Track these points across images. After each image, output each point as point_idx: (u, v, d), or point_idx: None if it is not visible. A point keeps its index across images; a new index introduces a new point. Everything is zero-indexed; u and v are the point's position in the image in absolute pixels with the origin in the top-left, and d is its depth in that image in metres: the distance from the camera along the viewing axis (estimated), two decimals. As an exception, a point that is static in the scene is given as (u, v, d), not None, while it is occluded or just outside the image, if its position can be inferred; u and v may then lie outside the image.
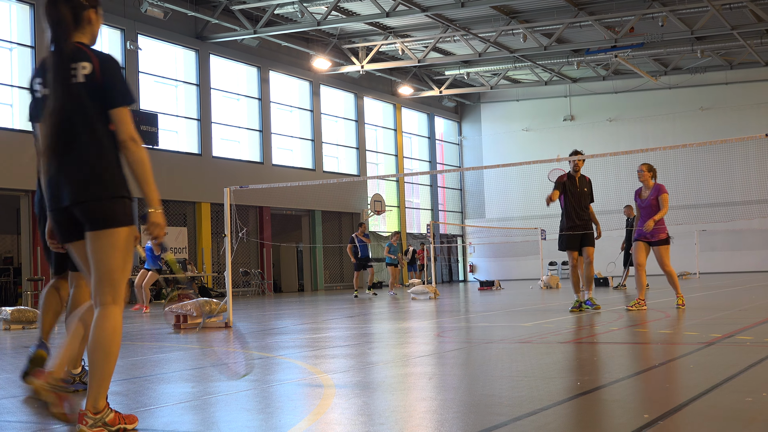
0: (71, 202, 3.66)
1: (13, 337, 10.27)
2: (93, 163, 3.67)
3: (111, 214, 3.67)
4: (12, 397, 5.12)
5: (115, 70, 3.73)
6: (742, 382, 4.69)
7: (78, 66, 3.67)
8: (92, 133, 3.69)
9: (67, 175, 3.66)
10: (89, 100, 3.68)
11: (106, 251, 3.67)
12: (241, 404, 4.64)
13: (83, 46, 3.75)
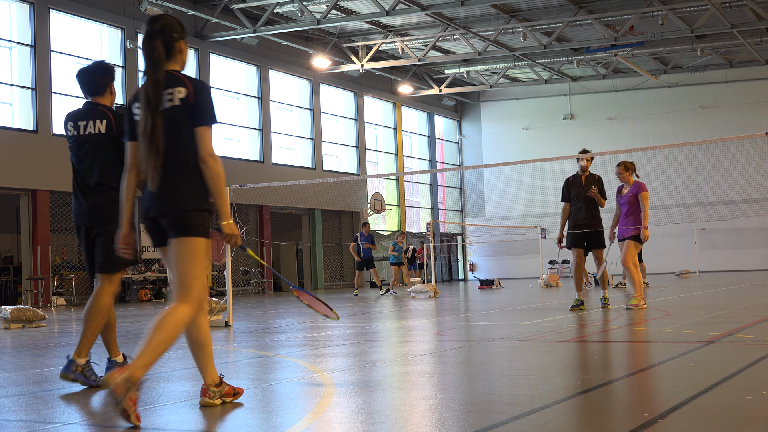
0: (158, 214, 4.17)
1: (13, 336, 10.27)
2: (181, 179, 4.16)
3: (191, 225, 4.15)
4: (12, 396, 5.12)
5: (206, 93, 4.24)
6: (742, 381, 4.69)
7: (174, 91, 4.18)
8: (183, 151, 4.17)
9: (158, 189, 4.15)
10: (183, 121, 4.17)
11: (183, 258, 4.14)
12: (241, 403, 4.64)
13: (177, 73, 4.27)
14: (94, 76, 5.57)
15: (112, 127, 5.41)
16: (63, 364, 5.58)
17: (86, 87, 5.57)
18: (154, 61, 4.19)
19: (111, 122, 5.42)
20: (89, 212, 5.43)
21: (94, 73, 5.58)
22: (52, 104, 21.51)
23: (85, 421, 4.22)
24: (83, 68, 5.62)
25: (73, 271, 21.92)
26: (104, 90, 5.58)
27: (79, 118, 5.50)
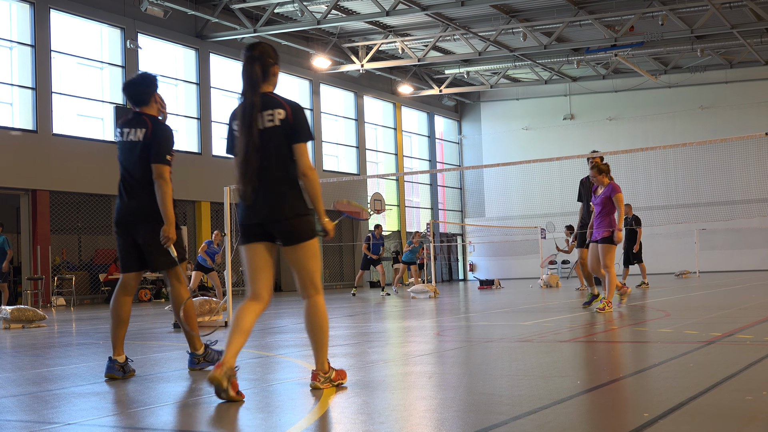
0: (264, 221, 4.66)
1: (13, 336, 10.27)
2: (285, 191, 4.67)
3: (304, 230, 4.68)
4: (12, 396, 5.12)
5: (302, 114, 4.79)
6: (742, 381, 4.69)
7: (275, 112, 4.69)
8: (283, 164, 4.70)
9: (263, 198, 4.64)
10: (282, 139, 4.69)
11: (304, 259, 4.71)
12: (241, 403, 4.64)
13: (274, 95, 4.78)
14: (137, 88, 5.92)
15: (147, 135, 5.75)
16: (98, 363, 5.56)
17: (131, 99, 5.95)
18: (253, 83, 4.70)
19: (148, 129, 5.76)
20: (135, 213, 5.77)
21: (137, 85, 5.93)
22: (53, 104, 21.51)
23: (86, 421, 4.22)
24: (127, 81, 5.99)
25: (73, 271, 21.92)
26: (148, 100, 5.93)
27: (125, 125, 5.88)
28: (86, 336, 10.10)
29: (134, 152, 5.77)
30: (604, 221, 10.51)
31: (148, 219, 5.74)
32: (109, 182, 22.46)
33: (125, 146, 5.83)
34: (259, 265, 4.78)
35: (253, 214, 4.68)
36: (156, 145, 5.73)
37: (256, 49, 4.78)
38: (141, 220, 5.76)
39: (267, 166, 4.66)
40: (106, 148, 22.79)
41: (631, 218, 19.28)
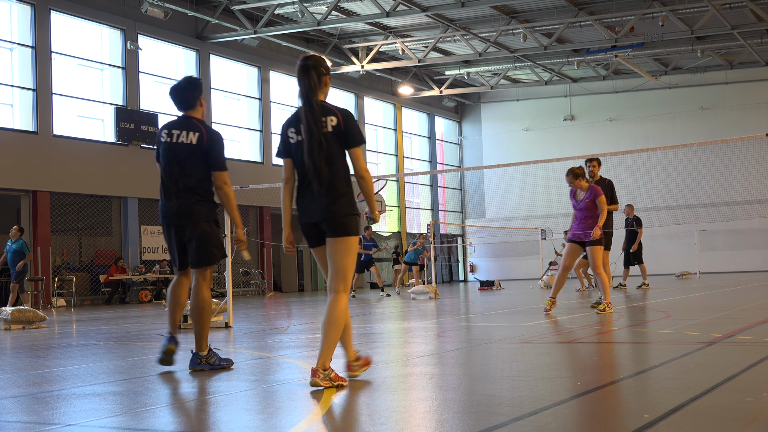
0: (320, 219, 4.96)
1: (13, 337, 10.27)
2: (337, 190, 4.96)
3: (347, 227, 4.98)
4: (12, 397, 5.12)
5: (353, 121, 5.05)
6: (743, 382, 4.69)
7: (327, 119, 4.97)
8: (337, 168, 4.99)
9: (319, 199, 4.95)
10: (335, 143, 4.97)
11: (341, 254, 4.98)
12: (242, 404, 4.64)
13: (326, 103, 5.07)
14: (184, 93, 6.15)
15: (203, 139, 6.01)
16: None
17: (178, 103, 6.18)
18: (311, 88, 5.02)
19: (203, 135, 6.02)
20: (178, 213, 6.01)
21: (184, 90, 6.16)
22: (53, 105, 21.52)
23: (86, 422, 4.22)
24: (174, 86, 6.20)
25: (74, 272, 21.92)
26: (194, 104, 6.16)
27: (174, 127, 6.10)
28: (86, 337, 10.10)
29: (183, 154, 6.00)
30: (590, 224, 10.58)
31: (191, 218, 5.99)
32: (110, 183, 22.62)
33: (173, 147, 6.03)
34: (325, 264, 5.16)
35: (310, 214, 5.02)
36: (215, 153, 6.02)
37: (311, 59, 5.13)
38: (185, 220, 6.00)
39: (324, 168, 4.97)
40: (107, 150, 22.82)
41: (632, 219, 19.30)
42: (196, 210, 5.98)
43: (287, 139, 5.11)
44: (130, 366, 6.70)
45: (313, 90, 5.02)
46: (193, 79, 6.26)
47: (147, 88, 24.47)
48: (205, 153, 5.99)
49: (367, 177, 5.05)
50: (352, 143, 5.00)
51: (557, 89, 37.57)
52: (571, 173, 10.64)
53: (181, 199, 5.99)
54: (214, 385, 5.46)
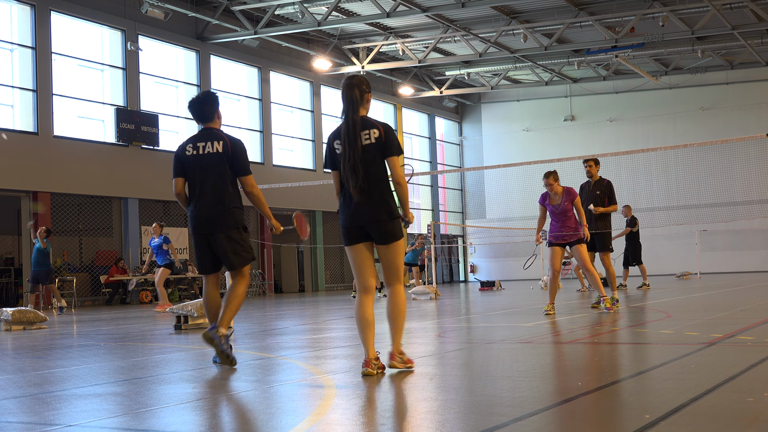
0: (367, 223, 5.48)
1: (14, 338, 10.27)
2: (381, 196, 5.47)
3: (395, 232, 5.53)
4: (13, 398, 5.12)
5: (393, 133, 5.53)
6: (744, 383, 4.69)
7: (370, 132, 5.47)
8: (380, 175, 5.48)
9: (365, 204, 5.45)
10: (377, 154, 5.47)
11: (393, 256, 5.58)
12: (242, 405, 4.64)
13: (368, 118, 5.56)
14: (203, 106, 6.50)
15: (227, 147, 6.35)
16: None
17: (197, 115, 6.51)
18: (354, 104, 5.51)
19: (226, 143, 6.35)
20: (210, 221, 6.35)
21: (202, 103, 6.52)
22: (53, 106, 21.52)
23: (87, 423, 4.22)
24: (192, 99, 6.55)
25: (74, 272, 21.93)
26: (213, 117, 6.51)
27: (198, 140, 6.41)
28: (87, 338, 10.10)
29: (211, 163, 6.33)
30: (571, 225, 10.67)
31: (222, 226, 6.34)
32: (110, 184, 22.62)
33: (200, 158, 6.35)
34: (363, 262, 5.61)
35: (356, 218, 5.50)
36: (239, 159, 6.36)
37: (354, 78, 5.60)
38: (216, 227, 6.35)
39: (368, 176, 5.45)
40: (107, 150, 22.82)
41: (630, 219, 19.37)
42: (227, 218, 6.33)
43: (334, 150, 5.58)
44: (130, 367, 6.70)
45: (356, 106, 5.51)
46: (210, 93, 6.63)
47: (147, 88, 24.47)
48: (231, 159, 6.33)
49: (404, 183, 5.55)
50: (390, 153, 5.48)
51: (558, 89, 37.56)
52: (551, 176, 10.71)
53: (213, 208, 6.33)
54: (215, 385, 5.46)
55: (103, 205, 23.22)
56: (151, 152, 23.81)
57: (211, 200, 6.31)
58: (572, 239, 10.65)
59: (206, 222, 6.35)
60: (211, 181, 6.31)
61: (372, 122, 5.52)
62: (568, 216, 10.69)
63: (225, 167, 6.31)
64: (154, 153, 23.91)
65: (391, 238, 5.52)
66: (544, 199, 10.88)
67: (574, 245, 10.68)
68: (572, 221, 10.69)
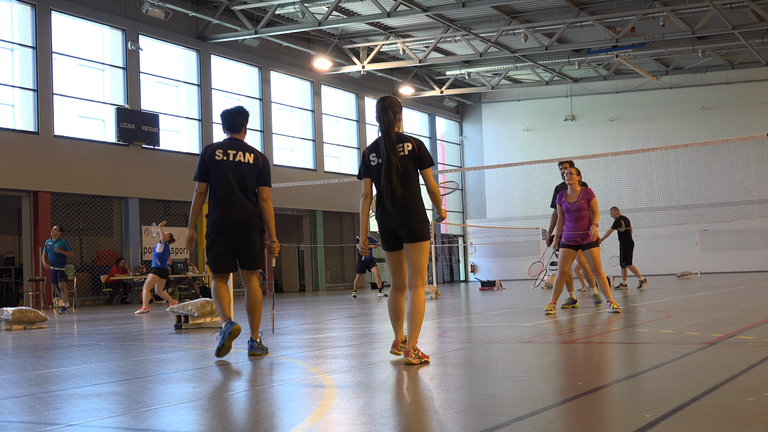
0: (398, 226, 6.06)
1: (14, 338, 10.27)
2: (413, 202, 6.08)
3: (423, 233, 6.08)
4: (14, 398, 5.12)
5: (425, 147, 6.24)
6: (744, 382, 4.69)
7: (404, 146, 6.13)
8: (413, 184, 6.11)
9: (399, 210, 6.05)
10: (411, 165, 6.12)
11: (417, 255, 6.09)
12: (243, 404, 4.64)
13: (402, 134, 6.24)
14: (236, 118, 7.08)
15: (258, 160, 6.97)
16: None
17: (229, 125, 7.08)
18: (389, 125, 6.16)
19: (257, 156, 6.98)
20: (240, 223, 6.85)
21: (236, 115, 7.10)
22: (54, 105, 21.52)
23: (87, 422, 4.22)
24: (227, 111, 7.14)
25: (75, 272, 21.90)
26: (241, 129, 7.12)
27: (229, 147, 6.96)
28: (87, 337, 10.10)
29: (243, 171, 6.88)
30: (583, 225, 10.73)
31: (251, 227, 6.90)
32: (111, 184, 22.63)
33: (231, 165, 6.87)
34: (399, 266, 6.21)
35: (391, 222, 6.09)
36: (267, 172, 7.01)
37: (387, 101, 6.25)
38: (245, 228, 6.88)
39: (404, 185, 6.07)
40: (108, 150, 22.82)
41: (618, 219, 19.60)
42: (255, 220, 6.92)
43: (368, 162, 6.25)
44: (131, 366, 6.70)
45: (391, 125, 6.16)
46: (243, 108, 7.20)
47: (148, 88, 24.47)
48: (260, 171, 6.95)
49: (437, 192, 6.23)
50: (423, 165, 6.16)
51: (558, 89, 37.55)
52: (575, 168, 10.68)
53: (242, 211, 6.86)
54: (216, 385, 5.46)
55: (103, 204, 23.22)
56: (151, 152, 23.81)
57: (240, 204, 6.85)
58: (584, 242, 10.67)
59: (237, 223, 6.84)
60: (240, 186, 6.85)
61: (406, 137, 6.22)
62: (582, 215, 10.68)
63: (254, 177, 6.92)
64: (154, 153, 23.91)
65: (418, 238, 6.05)
66: (560, 198, 10.84)
67: (587, 249, 10.68)
68: (585, 221, 10.70)
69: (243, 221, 6.85)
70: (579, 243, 10.74)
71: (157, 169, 23.74)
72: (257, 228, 6.93)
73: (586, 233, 10.67)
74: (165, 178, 23.99)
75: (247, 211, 6.87)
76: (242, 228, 6.85)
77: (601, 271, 10.72)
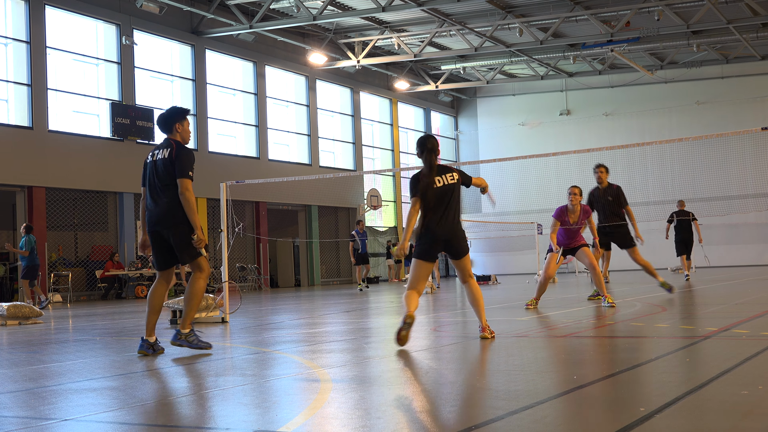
0: (449, 238, 7.05)
1: (9, 333, 10.26)
2: (456, 219, 7.13)
3: (466, 248, 7.21)
4: (9, 393, 5.12)
5: (465, 173, 7.34)
6: (738, 376, 4.71)
7: (449, 175, 7.22)
8: (456, 206, 7.13)
9: (443, 226, 7.03)
10: (457, 190, 7.16)
11: (465, 262, 7.22)
12: (238, 399, 4.64)
13: (444, 165, 7.33)
14: (162, 119, 7.18)
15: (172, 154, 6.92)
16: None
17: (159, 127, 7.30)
18: (432, 165, 7.28)
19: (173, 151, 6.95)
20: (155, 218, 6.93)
21: (162, 117, 7.19)
22: (48, 100, 21.47)
23: (83, 417, 4.22)
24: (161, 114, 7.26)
25: (70, 267, 21.90)
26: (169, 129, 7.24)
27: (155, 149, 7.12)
28: (83, 332, 10.09)
29: (158, 167, 6.95)
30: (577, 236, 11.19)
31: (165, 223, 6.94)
32: (105, 179, 22.58)
33: (151, 164, 7.08)
34: (425, 275, 7.11)
35: (443, 235, 7.05)
36: (181, 162, 6.94)
37: (429, 141, 7.46)
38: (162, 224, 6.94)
39: (450, 205, 7.12)
40: (102, 145, 22.78)
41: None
42: (172, 214, 6.88)
43: (417, 184, 7.24)
44: (126, 361, 6.70)
45: (434, 163, 7.27)
46: (173, 108, 7.27)
47: (142, 83, 24.41)
48: (172, 163, 6.93)
49: (482, 183, 7.60)
50: (468, 183, 7.42)
51: (553, 84, 37.55)
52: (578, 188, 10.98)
53: (158, 206, 6.94)
54: (211, 379, 5.46)
55: (98, 199, 23.18)
56: (146, 147, 23.76)
57: (158, 199, 7.01)
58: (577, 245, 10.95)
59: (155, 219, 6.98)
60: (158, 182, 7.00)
61: (449, 168, 7.32)
62: (578, 231, 11.11)
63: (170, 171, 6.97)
64: (149, 147, 23.85)
65: (463, 254, 7.16)
66: (560, 215, 10.97)
67: (578, 249, 10.92)
68: (579, 235, 11.14)
69: (160, 216, 6.86)
70: (570, 247, 11.04)
71: (152, 164, 23.70)
72: (176, 222, 6.82)
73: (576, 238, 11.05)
74: (160, 173, 23.95)
75: (163, 206, 6.86)
76: (160, 224, 6.88)
77: (596, 266, 10.83)
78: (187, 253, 6.84)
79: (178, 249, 6.85)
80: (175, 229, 6.81)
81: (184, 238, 6.80)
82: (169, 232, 6.83)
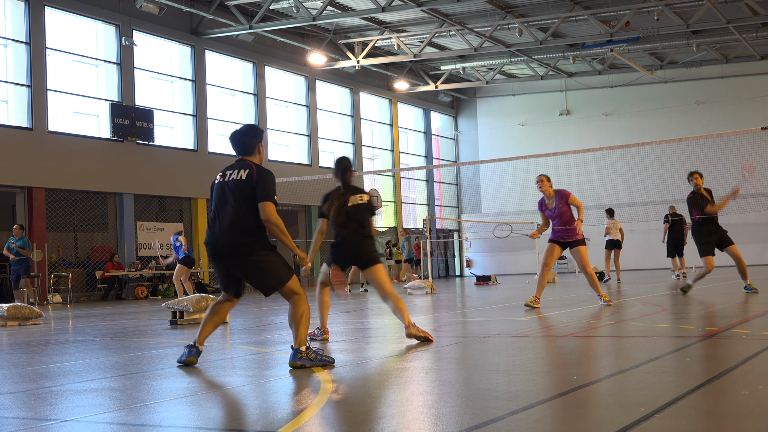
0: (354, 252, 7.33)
1: (9, 334, 10.26)
2: (366, 233, 7.37)
3: (375, 259, 7.37)
4: (9, 394, 5.12)
5: (374, 202, 7.46)
6: (739, 376, 4.71)
7: (363, 195, 7.33)
8: (367, 221, 7.39)
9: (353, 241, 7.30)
10: (368, 208, 7.36)
11: (375, 276, 7.37)
12: (238, 399, 4.64)
13: (354, 186, 7.43)
14: (242, 138, 6.54)
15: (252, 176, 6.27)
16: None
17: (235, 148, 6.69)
18: (347, 184, 7.34)
19: (252, 173, 6.26)
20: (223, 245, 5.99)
21: (241, 135, 6.55)
22: (48, 101, 21.46)
23: (83, 418, 4.22)
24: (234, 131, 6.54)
25: (70, 268, 21.89)
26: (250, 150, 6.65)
27: (227, 169, 6.57)
28: (83, 333, 10.09)
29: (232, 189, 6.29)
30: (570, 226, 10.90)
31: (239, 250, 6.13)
32: (105, 179, 22.58)
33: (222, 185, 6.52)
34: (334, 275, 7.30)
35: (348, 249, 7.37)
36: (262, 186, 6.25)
37: (343, 162, 7.42)
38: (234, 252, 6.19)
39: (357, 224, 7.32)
40: (102, 146, 22.77)
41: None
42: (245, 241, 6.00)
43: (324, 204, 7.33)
44: (126, 362, 6.70)
45: (350, 180, 7.43)
46: (249, 127, 6.71)
47: (142, 83, 24.40)
48: (253, 186, 6.26)
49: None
50: (372, 212, 7.47)
51: (553, 84, 37.55)
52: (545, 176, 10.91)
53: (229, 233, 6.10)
54: (211, 380, 5.46)
55: (98, 200, 23.18)
56: (146, 148, 23.76)
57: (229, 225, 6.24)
58: (570, 239, 10.79)
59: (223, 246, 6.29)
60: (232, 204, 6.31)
61: (360, 189, 7.46)
62: (568, 216, 10.86)
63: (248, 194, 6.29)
64: (149, 148, 23.86)
65: (370, 265, 7.35)
66: (541, 206, 11.00)
67: (574, 247, 10.81)
68: (572, 221, 10.87)
69: (230, 243, 5.91)
70: (566, 240, 10.89)
71: (151, 165, 23.69)
72: (252, 249, 5.87)
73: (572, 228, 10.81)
74: (159, 174, 23.96)
75: (234, 232, 5.93)
76: (231, 252, 5.92)
77: (588, 268, 10.81)
78: (266, 286, 5.92)
79: (257, 283, 5.93)
80: (248, 258, 5.85)
81: (260, 266, 5.85)
82: (240, 261, 5.87)
